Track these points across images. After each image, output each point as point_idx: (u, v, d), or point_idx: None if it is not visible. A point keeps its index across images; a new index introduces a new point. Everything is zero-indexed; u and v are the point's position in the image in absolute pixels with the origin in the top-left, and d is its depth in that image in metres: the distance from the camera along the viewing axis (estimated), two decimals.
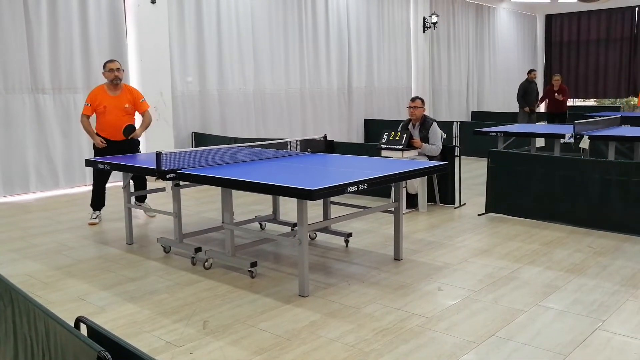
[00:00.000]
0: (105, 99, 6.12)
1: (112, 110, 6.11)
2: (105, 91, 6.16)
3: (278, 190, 3.99)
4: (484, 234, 5.64)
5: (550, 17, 20.06)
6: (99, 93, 6.17)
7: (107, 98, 6.13)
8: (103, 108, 6.10)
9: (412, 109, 6.78)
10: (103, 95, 6.14)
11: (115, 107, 6.13)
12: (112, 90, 6.16)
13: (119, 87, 6.19)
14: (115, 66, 6.12)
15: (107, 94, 6.15)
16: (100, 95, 6.14)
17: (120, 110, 6.16)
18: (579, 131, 7.57)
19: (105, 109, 6.10)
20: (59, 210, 7.08)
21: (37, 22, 8.02)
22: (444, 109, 15.58)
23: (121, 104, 6.16)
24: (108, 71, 6.11)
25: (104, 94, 6.14)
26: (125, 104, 6.18)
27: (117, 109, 6.14)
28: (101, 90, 6.19)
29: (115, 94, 6.16)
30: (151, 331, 3.49)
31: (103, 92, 6.16)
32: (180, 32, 9.61)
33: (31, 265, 4.87)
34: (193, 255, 4.80)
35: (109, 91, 6.16)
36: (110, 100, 6.13)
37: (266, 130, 11.00)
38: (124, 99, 6.19)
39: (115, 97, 6.15)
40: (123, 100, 6.18)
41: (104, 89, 6.18)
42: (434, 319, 3.60)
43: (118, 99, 6.16)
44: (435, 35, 15.15)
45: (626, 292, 4.00)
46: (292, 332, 3.43)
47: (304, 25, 11.68)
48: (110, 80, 6.13)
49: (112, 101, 6.13)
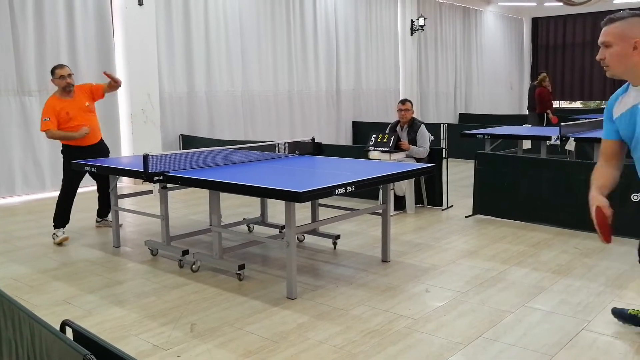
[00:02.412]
0: (63, 106, 5.62)
1: (76, 115, 5.67)
2: (60, 98, 5.65)
3: (266, 192, 3.99)
4: (471, 235, 5.67)
5: (537, 20, 20.23)
6: (54, 102, 5.64)
7: (66, 104, 5.64)
8: (66, 114, 5.60)
9: (403, 111, 6.80)
10: (59, 103, 5.63)
11: (78, 110, 5.71)
12: (66, 95, 5.70)
13: (69, 92, 5.72)
14: (65, 72, 5.62)
15: (64, 99, 5.65)
16: (57, 104, 5.62)
17: (83, 111, 5.74)
18: (565, 133, 7.64)
19: (69, 115, 5.64)
20: (45, 213, 7.02)
21: (23, 24, 7.96)
22: (432, 112, 15.65)
23: (82, 104, 5.75)
24: (58, 78, 5.60)
25: (61, 102, 5.64)
26: (86, 102, 5.78)
27: (80, 110, 5.70)
28: (55, 100, 5.66)
29: (70, 97, 5.71)
30: (138, 334, 3.47)
31: (58, 100, 5.65)
32: (168, 34, 9.58)
33: (16, 268, 4.83)
34: (180, 258, 4.78)
35: (63, 97, 5.67)
36: (69, 104, 5.64)
37: (254, 133, 10.99)
38: (82, 99, 5.77)
39: (72, 100, 5.71)
40: (82, 100, 5.76)
41: (57, 97, 5.66)
42: (421, 320, 3.61)
43: (76, 102, 5.73)
44: (423, 38, 15.22)
45: (611, 292, 4.04)
46: (280, 335, 3.42)
47: (292, 27, 11.68)
48: (62, 88, 5.64)
49: (71, 105, 5.68)
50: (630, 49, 2.57)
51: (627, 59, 2.59)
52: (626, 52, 2.58)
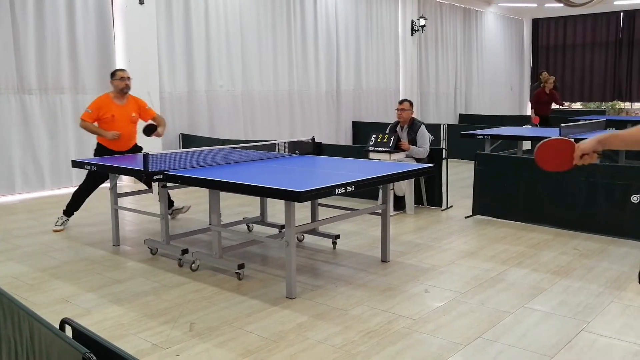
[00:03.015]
0: (112, 107, 5.95)
1: (120, 120, 5.95)
2: (112, 100, 5.99)
3: (266, 191, 3.99)
4: (471, 236, 5.67)
5: (537, 21, 20.23)
6: (104, 101, 5.99)
7: (115, 107, 5.96)
8: (111, 117, 5.91)
9: (400, 111, 6.81)
10: (110, 104, 5.96)
11: (123, 117, 5.99)
12: (119, 99, 6.01)
13: (126, 97, 6.07)
14: (126, 75, 6.02)
15: (115, 103, 5.98)
16: (106, 104, 5.96)
17: (128, 119, 6.03)
18: (565, 134, 7.64)
19: (114, 118, 5.91)
20: (44, 212, 7.02)
21: (24, 22, 7.95)
22: (432, 112, 15.65)
23: (129, 113, 6.04)
24: (119, 79, 5.99)
25: (111, 103, 5.97)
26: (132, 113, 6.07)
27: (125, 118, 6.01)
28: (107, 99, 6.01)
29: (122, 102, 6.02)
30: (137, 333, 3.47)
31: (109, 101, 5.99)
32: (168, 33, 9.57)
33: (16, 267, 4.82)
34: (180, 257, 4.77)
35: (116, 100, 6.00)
36: (118, 109, 5.97)
37: (254, 132, 10.99)
38: (130, 108, 6.07)
39: (122, 107, 6.01)
40: (130, 110, 6.06)
41: (110, 98, 6.01)
42: (420, 320, 3.61)
43: (125, 108, 6.02)
44: (424, 38, 15.21)
45: (611, 294, 4.04)
46: (279, 334, 3.42)
47: (292, 27, 11.68)
48: (120, 89, 5.99)
49: (120, 110, 5.97)
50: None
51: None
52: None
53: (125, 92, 6.04)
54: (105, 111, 5.92)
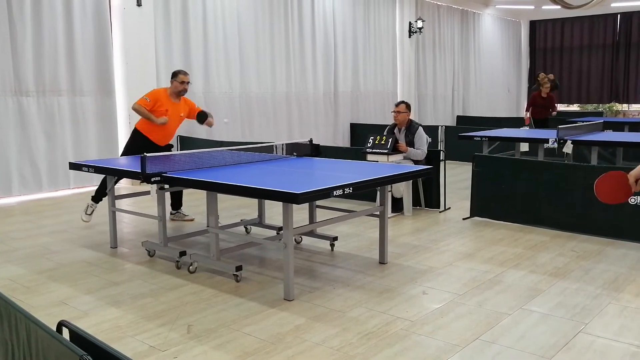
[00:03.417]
0: (167, 102, 6.12)
1: (171, 116, 6.11)
2: (168, 96, 6.16)
3: (264, 193, 3.99)
4: (469, 237, 5.68)
5: (535, 23, 20.28)
6: (162, 95, 6.16)
7: (169, 103, 6.14)
8: (165, 111, 6.08)
9: (396, 113, 6.82)
10: (166, 99, 6.13)
11: (174, 114, 6.15)
12: (174, 97, 6.19)
13: (180, 97, 6.24)
14: (187, 79, 6.17)
15: (169, 99, 6.16)
16: (163, 97, 6.13)
17: (177, 118, 6.21)
18: (562, 136, 7.65)
19: (167, 113, 6.08)
20: (42, 214, 7.01)
21: (21, 24, 7.94)
22: (429, 114, 15.67)
23: (179, 112, 6.21)
24: (180, 82, 6.13)
25: (167, 99, 6.14)
26: (182, 113, 6.24)
27: (175, 116, 6.18)
28: (165, 93, 6.19)
29: (176, 101, 6.20)
30: (135, 335, 3.46)
31: (166, 96, 6.16)
32: (166, 35, 9.57)
33: (13, 269, 4.81)
34: (177, 259, 4.77)
35: (171, 97, 6.17)
36: (171, 105, 6.14)
37: (252, 134, 10.98)
38: (181, 108, 6.24)
39: (176, 104, 6.18)
40: (181, 109, 6.23)
41: (167, 94, 6.17)
42: (418, 322, 3.61)
43: (177, 107, 6.19)
44: (421, 40, 15.24)
45: (608, 295, 4.04)
46: (277, 336, 3.42)
47: (290, 29, 11.69)
48: (178, 91, 6.15)
49: (173, 107, 6.15)
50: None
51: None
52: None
53: (181, 95, 6.22)
54: (160, 104, 6.09)
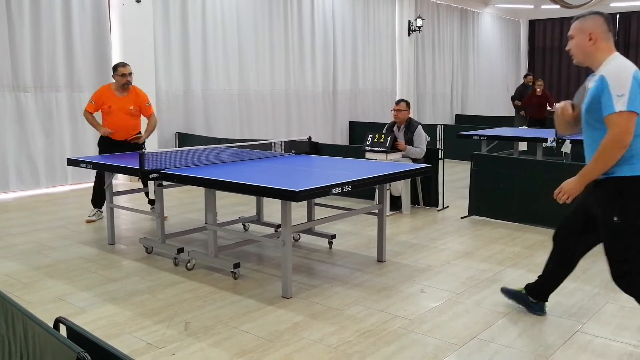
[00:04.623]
0: (110, 99, 6.11)
1: (116, 111, 6.10)
2: (112, 91, 6.15)
3: (262, 191, 3.98)
4: (467, 236, 5.67)
5: (534, 23, 20.28)
6: (104, 92, 6.16)
7: (113, 98, 6.12)
8: (108, 108, 6.09)
9: (397, 112, 6.81)
10: (109, 95, 6.12)
11: (120, 109, 6.11)
12: (119, 92, 6.15)
13: (127, 90, 6.18)
14: (127, 71, 6.11)
15: (114, 94, 6.14)
16: (105, 94, 6.13)
17: (124, 111, 6.14)
18: (561, 135, 7.64)
19: (110, 109, 6.09)
20: (39, 210, 7.00)
21: (20, 20, 7.92)
22: (428, 112, 15.67)
23: (126, 105, 6.14)
24: (120, 75, 6.10)
25: (110, 94, 6.13)
26: (130, 106, 6.16)
27: (122, 110, 6.13)
28: (107, 89, 6.18)
29: (121, 95, 6.15)
30: (132, 332, 3.45)
31: (109, 91, 6.15)
32: (165, 31, 9.55)
33: (10, 265, 4.80)
34: (175, 256, 4.76)
35: (115, 92, 6.15)
36: (115, 100, 6.11)
37: (250, 131, 10.97)
38: (129, 101, 6.17)
39: (120, 99, 6.13)
40: (128, 102, 6.16)
41: (111, 89, 6.16)
42: (416, 320, 3.61)
43: (123, 101, 6.13)
44: (420, 39, 15.23)
45: (606, 295, 4.04)
46: (274, 334, 3.42)
47: (289, 26, 11.67)
48: (121, 85, 6.13)
49: (117, 102, 6.11)
50: (586, 39, 3.07)
51: (584, 48, 3.10)
52: (583, 42, 3.09)
53: (126, 88, 6.15)
54: (103, 101, 6.09)
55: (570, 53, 3.19)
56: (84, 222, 6.28)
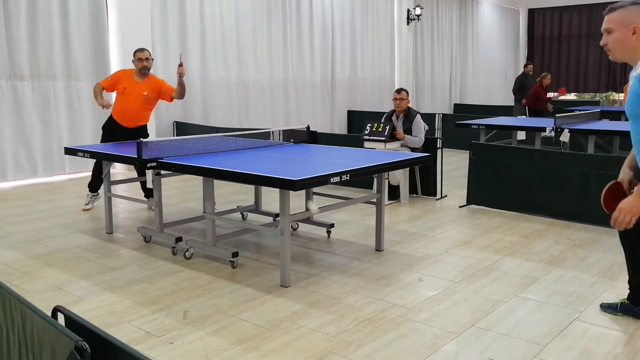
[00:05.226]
0: (127, 81, 6.11)
1: (129, 94, 6.07)
2: (132, 75, 6.15)
3: (260, 180, 3.97)
4: (465, 225, 5.68)
5: (533, 12, 20.20)
6: (125, 74, 6.20)
7: (130, 81, 6.12)
8: (122, 89, 6.10)
9: (398, 100, 6.78)
10: (127, 77, 6.14)
11: (133, 92, 6.07)
12: (137, 76, 6.14)
13: (146, 76, 6.16)
14: (144, 55, 6.09)
15: (132, 77, 6.14)
16: (125, 76, 6.16)
17: (137, 95, 6.08)
18: (559, 125, 7.65)
19: (125, 91, 6.09)
20: (37, 199, 6.98)
21: (16, 7, 7.85)
22: (427, 102, 15.63)
23: (140, 90, 6.09)
24: (137, 60, 6.10)
25: (129, 77, 6.14)
26: (144, 92, 6.10)
27: (135, 94, 6.08)
28: (128, 72, 6.21)
29: (140, 80, 6.13)
30: (130, 321, 3.46)
31: (129, 74, 6.17)
32: (162, 19, 9.49)
33: (8, 254, 4.80)
34: (174, 245, 4.76)
35: (135, 75, 6.15)
36: (132, 83, 6.10)
37: (249, 120, 10.94)
38: (144, 87, 6.11)
39: (137, 83, 6.11)
40: (143, 88, 6.10)
41: (132, 73, 6.17)
42: (414, 309, 3.62)
43: (139, 85, 6.10)
44: (419, 28, 15.16)
45: (603, 283, 4.06)
46: (273, 322, 3.42)
47: (287, 15, 11.60)
48: (138, 69, 6.10)
49: (133, 85, 6.09)
50: (629, 34, 2.79)
51: (626, 43, 2.82)
52: (626, 37, 2.81)
53: (144, 73, 6.13)
54: (120, 81, 6.13)
55: (607, 49, 2.89)
56: (81, 211, 6.27)
